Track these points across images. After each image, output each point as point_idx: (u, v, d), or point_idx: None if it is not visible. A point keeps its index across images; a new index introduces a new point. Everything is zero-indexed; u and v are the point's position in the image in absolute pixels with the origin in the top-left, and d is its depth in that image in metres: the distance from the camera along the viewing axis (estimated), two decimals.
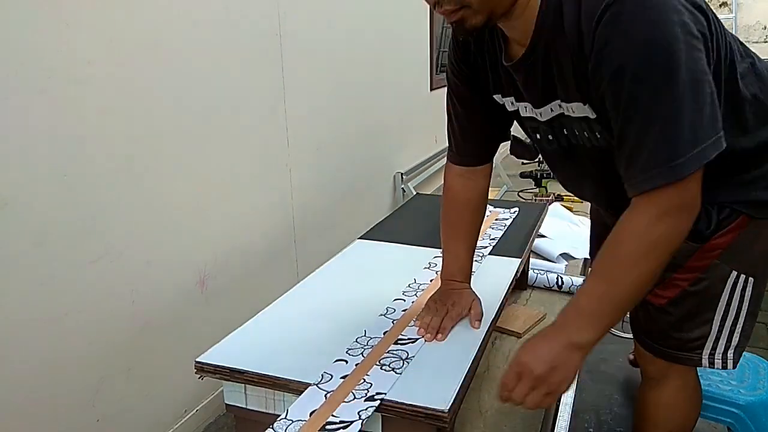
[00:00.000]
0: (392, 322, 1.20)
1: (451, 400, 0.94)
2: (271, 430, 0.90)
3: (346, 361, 1.06)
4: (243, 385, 1.05)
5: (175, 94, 1.64)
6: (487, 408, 1.28)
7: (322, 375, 1.02)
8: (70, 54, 1.33)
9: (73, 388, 1.43)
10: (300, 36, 2.19)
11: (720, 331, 1.13)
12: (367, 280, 1.41)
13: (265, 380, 1.02)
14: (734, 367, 1.15)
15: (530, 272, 1.83)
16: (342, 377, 1.02)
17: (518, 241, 1.61)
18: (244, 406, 1.07)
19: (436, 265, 1.47)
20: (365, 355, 1.08)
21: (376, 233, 1.72)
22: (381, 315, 1.23)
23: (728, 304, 1.11)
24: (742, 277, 1.09)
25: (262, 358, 1.06)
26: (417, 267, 1.47)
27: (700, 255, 1.08)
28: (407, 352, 1.09)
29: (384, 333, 1.16)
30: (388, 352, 1.09)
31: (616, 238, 0.90)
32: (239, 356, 1.07)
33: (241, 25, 1.88)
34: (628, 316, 1.22)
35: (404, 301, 1.29)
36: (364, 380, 1.00)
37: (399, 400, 0.94)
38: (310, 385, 0.99)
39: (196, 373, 1.07)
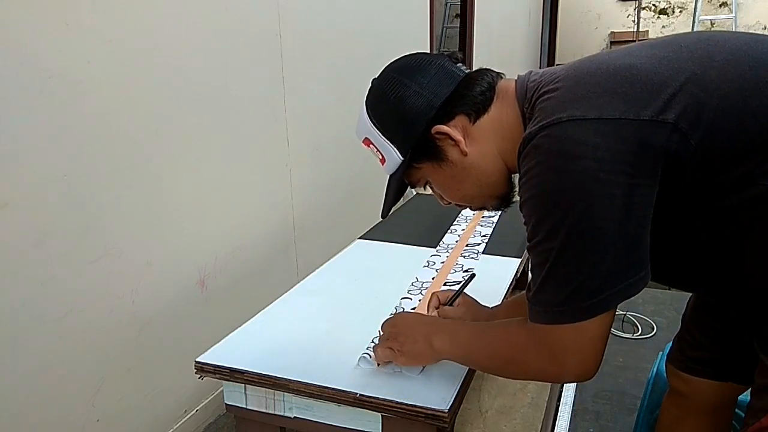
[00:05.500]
0: None
1: (451, 400, 0.94)
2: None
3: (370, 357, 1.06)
4: (243, 385, 1.05)
5: (175, 94, 1.64)
6: (487, 408, 1.28)
7: None
8: (70, 54, 1.33)
9: (73, 388, 1.43)
10: (300, 36, 2.19)
11: None
12: (368, 279, 1.41)
13: (265, 380, 1.02)
14: None
15: (530, 272, 1.83)
16: None
17: (518, 241, 1.61)
18: (244, 406, 1.07)
19: (434, 263, 1.48)
20: None
21: (376, 233, 1.73)
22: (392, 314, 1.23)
23: None
24: None
25: (262, 358, 1.06)
26: (417, 266, 1.47)
27: None
28: None
29: None
30: None
31: (507, 328, 0.91)
32: (239, 356, 1.07)
33: (241, 25, 1.88)
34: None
35: (411, 299, 1.30)
36: None
37: (399, 400, 0.94)
38: (310, 384, 0.99)
39: (196, 373, 1.07)
